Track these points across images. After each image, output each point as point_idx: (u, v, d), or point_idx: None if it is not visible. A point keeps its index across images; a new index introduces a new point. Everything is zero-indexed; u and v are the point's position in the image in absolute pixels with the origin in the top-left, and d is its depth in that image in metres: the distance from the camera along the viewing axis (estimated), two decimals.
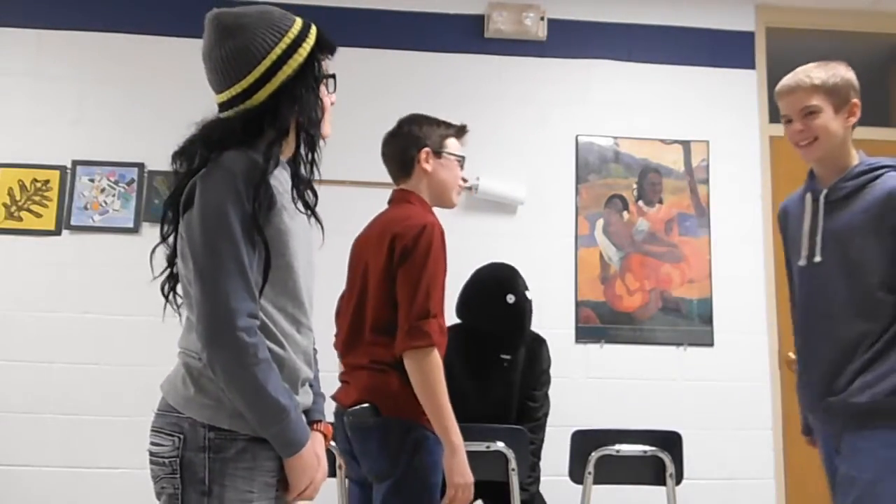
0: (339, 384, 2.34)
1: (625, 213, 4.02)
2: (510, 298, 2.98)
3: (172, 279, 1.65)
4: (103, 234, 3.80)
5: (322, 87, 1.69)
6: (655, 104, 4.11)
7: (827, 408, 2.10)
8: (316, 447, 1.65)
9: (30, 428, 3.64)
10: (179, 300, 1.65)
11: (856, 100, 2.18)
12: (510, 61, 4.08)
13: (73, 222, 3.81)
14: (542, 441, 3.09)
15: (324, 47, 1.68)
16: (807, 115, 2.16)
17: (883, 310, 2.05)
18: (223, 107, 1.64)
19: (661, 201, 4.04)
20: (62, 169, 3.84)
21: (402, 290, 2.17)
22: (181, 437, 1.52)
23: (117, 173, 3.85)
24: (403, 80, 4.00)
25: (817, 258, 2.17)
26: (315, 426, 1.71)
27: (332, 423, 1.82)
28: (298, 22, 1.66)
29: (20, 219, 3.80)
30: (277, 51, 1.60)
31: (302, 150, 1.67)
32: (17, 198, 3.81)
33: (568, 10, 4.12)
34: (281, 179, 1.61)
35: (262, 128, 1.59)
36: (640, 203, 4.04)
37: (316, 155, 1.68)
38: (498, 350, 3.00)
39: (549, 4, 4.09)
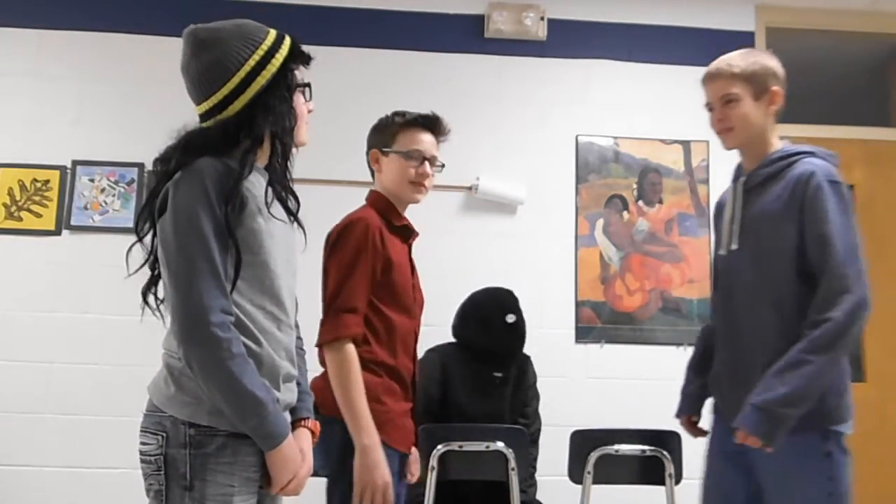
0: None
1: (625, 213, 4.02)
2: (510, 318, 3.13)
3: (153, 283, 1.69)
4: (103, 234, 3.80)
5: (299, 96, 1.74)
6: (655, 104, 4.10)
7: (742, 405, 2.04)
8: (301, 443, 1.70)
9: (30, 428, 3.64)
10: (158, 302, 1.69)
11: (776, 87, 2.16)
12: (510, 61, 4.07)
13: (73, 222, 3.81)
14: (536, 454, 3.17)
15: (297, 57, 1.73)
16: (726, 103, 2.16)
17: (795, 300, 2.01)
18: (203, 118, 1.70)
19: (661, 201, 4.04)
20: (62, 169, 3.84)
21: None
22: (164, 434, 1.57)
23: (117, 173, 3.85)
24: (403, 79, 4.00)
25: (734, 245, 2.15)
26: (302, 423, 1.75)
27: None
28: (272, 34, 1.71)
29: (20, 219, 3.80)
30: (251, 62, 1.65)
31: (276, 158, 1.71)
32: (17, 198, 3.81)
33: (568, 10, 4.12)
34: (256, 183, 1.66)
35: (237, 137, 1.64)
36: (640, 203, 4.04)
37: (289, 162, 1.73)
38: (492, 367, 3.13)
39: (549, 4, 4.09)
